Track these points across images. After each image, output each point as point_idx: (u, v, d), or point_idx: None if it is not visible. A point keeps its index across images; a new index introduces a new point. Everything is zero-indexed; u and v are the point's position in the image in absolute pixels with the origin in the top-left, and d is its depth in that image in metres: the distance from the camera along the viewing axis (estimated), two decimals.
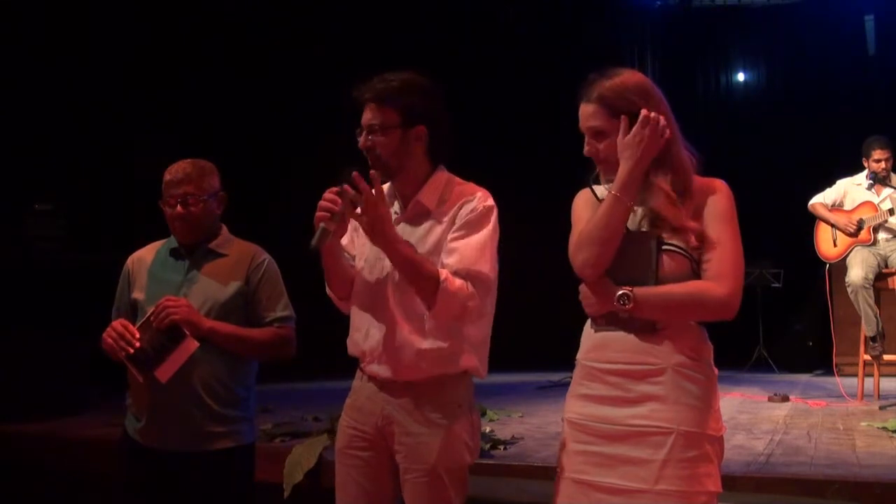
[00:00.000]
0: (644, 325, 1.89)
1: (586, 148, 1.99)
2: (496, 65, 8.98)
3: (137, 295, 2.71)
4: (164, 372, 2.51)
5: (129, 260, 2.83)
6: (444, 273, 2.12)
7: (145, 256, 2.80)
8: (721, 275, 1.87)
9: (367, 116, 2.22)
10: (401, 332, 2.19)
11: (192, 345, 2.51)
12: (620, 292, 1.86)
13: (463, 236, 2.18)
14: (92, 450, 4.08)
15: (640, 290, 1.86)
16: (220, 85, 7.62)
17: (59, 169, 6.37)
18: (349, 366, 2.37)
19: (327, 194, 2.12)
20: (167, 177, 2.70)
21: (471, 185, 2.30)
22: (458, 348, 2.20)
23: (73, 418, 4.79)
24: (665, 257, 1.89)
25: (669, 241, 1.89)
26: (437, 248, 2.21)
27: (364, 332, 2.25)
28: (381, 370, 2.22)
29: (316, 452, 3.55)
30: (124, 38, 6.90)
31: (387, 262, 2.22)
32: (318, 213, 2.10)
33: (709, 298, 1.86)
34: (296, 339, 2.77)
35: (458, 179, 2.31)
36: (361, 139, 2.22)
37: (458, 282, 2.12)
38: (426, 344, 2.17)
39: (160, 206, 2.74)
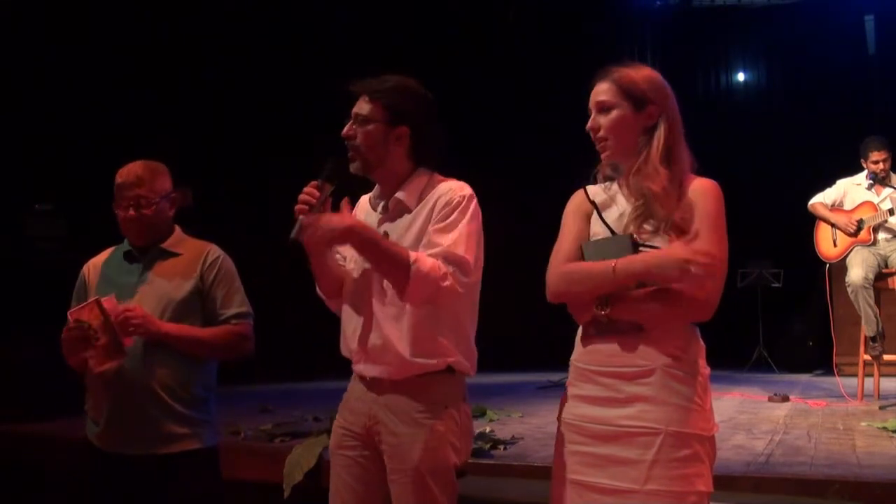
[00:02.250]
0: (629, 327, 1.89)
1: (589, 123, 2.02)
2: (496, 65, 8.98)
3: None
4: (128, 339, 2.52)
5: (85, 267, 2.80)
6: (414, 255, 2.12)
7: (98, 263, 2.78)
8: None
9: (357, 107, 2.27)
10: (386, 331, 2.20)
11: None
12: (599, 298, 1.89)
13: (442, 229, 2.18)
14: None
15: (622, 261, 1.86)
16: (219, 85, 7.63)
17: (59, 169, 6.37)
18: (349, 366, 2.37)
19: (307, 188, 2.16)
20: (119, 180, 2.68)
21: (450, 180, 2.31)
22: (442, 345, 2.20)
23: (73, 418, 4.78)
24: None
25: (649, 243, 1.89)
26: (418, 243, 2.22)
27: (353, 332, 2.27)
28: (368, 369, 2.24)
29: (316, 452, 3.55)
30: (125, 38, 6.90)
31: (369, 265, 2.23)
32: (297, 206, 2.14)
33: (685, 296, 1.85)
34: (253, 336, 2.74)
35: (439, 177, 2.31)
36: (346, 126, 2.26)
37: (430, 261, 2.12)
38: (410, 342, 2.18)
39: (113, 209, 2.72)
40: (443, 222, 2.19)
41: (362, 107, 2.25)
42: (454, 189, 2.24)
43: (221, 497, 2.76)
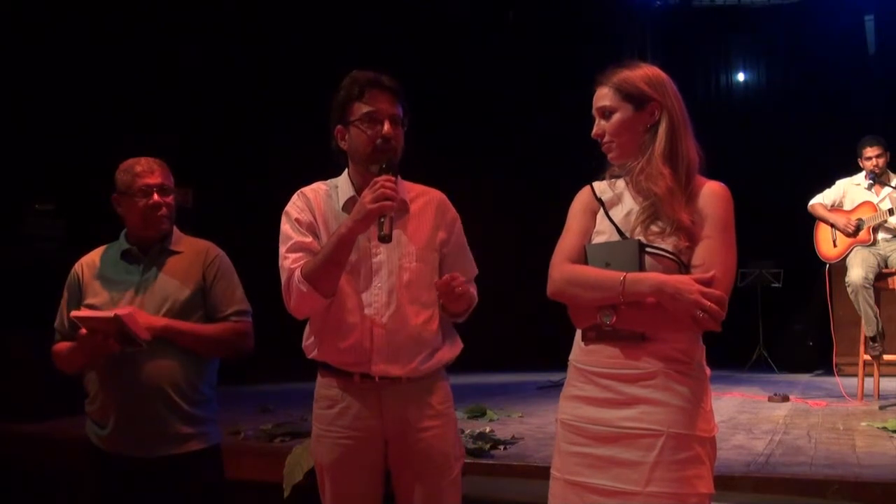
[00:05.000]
0: (632, 335, 1.87)
1: (594, 129, 2.02)
2: (495, 65, 8.98)
3: (92, 301, 2.63)
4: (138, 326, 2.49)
5: (77, 265, 2.74)
6: (471, 290, 2.29)
7: (93, 262, 2.73)
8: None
9: (391, 107, 2.23)
10: (413, 330, 2.22)
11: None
12: (603, 307, 1.87)
13: (461, 250, 2.36)
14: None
15: (632, 278, 1.83)
16: (218, 85, 7.63)
17: (59, 169, 6.37)
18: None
19: (385, 182, 2.10)
20: (137, 168, 2.66)
21: (418, 185, 2.39)
22: (453, 337, 2.33)
23: (73, 418, 4.78)
24: (651, 261, 1.86)
25: (656, 245, 1.87)
26: (429, 243, 2.28)
27: (368, 333, 2.21)
28: (385, 369, 2.21)
29: None
30: (125, 37, 6.90)
31: (380, 260, 2.22)
32: (385, 203, 2.08)
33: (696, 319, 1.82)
34: (253, 332, 2.74)
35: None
36: (387, 126, 2.20)
37: (472, 289, 2.30)
38: (442, 338, 2.27)
39: (122, 201, 2.67)
40: (459, 243, 2.36)
41: (395, 107, 2.24)
42: (446, 201, 2.37)
43: (225, 496, 2.76)
